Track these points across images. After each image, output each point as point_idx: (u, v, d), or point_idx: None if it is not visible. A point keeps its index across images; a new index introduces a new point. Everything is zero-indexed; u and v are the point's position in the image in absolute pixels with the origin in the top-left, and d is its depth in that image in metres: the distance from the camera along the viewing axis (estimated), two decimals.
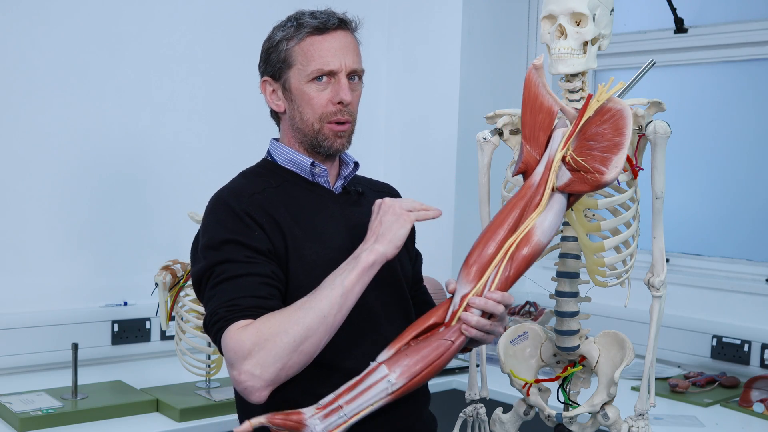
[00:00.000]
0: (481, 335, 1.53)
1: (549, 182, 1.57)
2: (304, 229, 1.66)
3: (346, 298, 1.52)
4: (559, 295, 1.88)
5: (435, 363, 1.50)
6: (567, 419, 1.89)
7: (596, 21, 1.75)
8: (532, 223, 1.55)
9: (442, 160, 3.39)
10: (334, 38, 1.68)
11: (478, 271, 1.55)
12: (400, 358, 1.50)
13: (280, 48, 1.70)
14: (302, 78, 1.68)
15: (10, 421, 2.24)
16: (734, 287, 2.94)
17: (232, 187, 1.71)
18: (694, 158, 3.18)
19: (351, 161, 1.80)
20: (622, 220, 1.82)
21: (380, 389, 1.48)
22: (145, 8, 2.95)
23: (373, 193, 1.86)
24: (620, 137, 1.54)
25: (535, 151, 1.61)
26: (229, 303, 1.53)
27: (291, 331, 1.48)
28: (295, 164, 1.75)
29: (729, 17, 3.05)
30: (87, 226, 2.87)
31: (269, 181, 1.72)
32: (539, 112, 1.62)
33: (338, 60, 1.68)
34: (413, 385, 1.50)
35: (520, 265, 1.54)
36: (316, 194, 1.74)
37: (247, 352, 1.47)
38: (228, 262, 1.57)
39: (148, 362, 2.90)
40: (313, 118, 1.69)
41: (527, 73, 1.63)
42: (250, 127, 3.14)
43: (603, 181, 1.53)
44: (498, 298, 1.52)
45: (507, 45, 3.49)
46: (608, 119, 1.57)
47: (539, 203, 1.56)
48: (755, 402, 2.49)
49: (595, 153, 1.54)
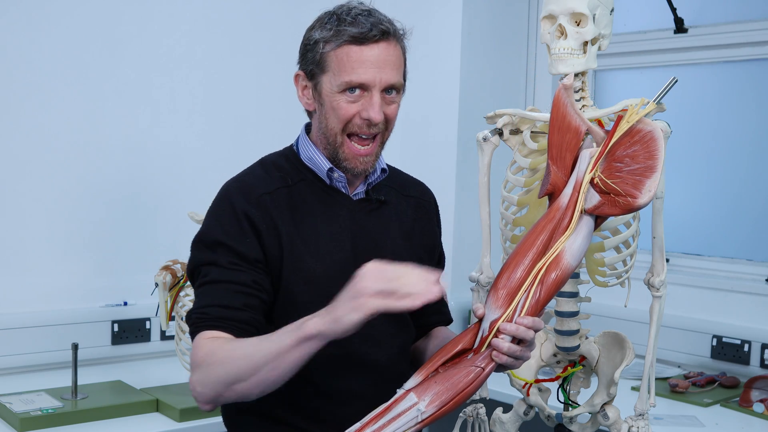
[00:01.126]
0: (511, 361, 1.49)
1: (578, 205, 1.53)
2: (305, 240, 1.62)
3: (281, 359, 1.41)
4: (559, 295, 1.88)
5: (465, 390, 1.46)
6: (567, 419, 1.89)
7: (596, 21, 1.75)
8: (562, 246, 1.51)
9: (442, 160, 3.39)
10: (373, 50, 1.57)
11: (507, 296, 1.50)
12: (429, 386, 1.46)
13: (316, 49, 1.61)
14: (334, 86, 1.59)
15: (10, 421, 2.24)
16: (734, 287, 2.94)
17: (244, 180, 1.67)
18: (694, 158, 3.18)
19: (378, 167, 1.72)
20: (622, 220, 1.82)
21: (410, 418, 1.43)
22: (145, 8, 2.95)
23: (399, 199, 1.79)
24: (653, 160, 1.51)
25: (562, 172, 1.57)
26: (202, 310, 1.55)
27: (228, 367, 1.46)
28: (315, 164, 1.68)
29: (729, 17, 3.05)
30: (87, 226, 2.87)
31: (286, 178, 1.66)
32: (567, 132, 1.58)
33: (372, 75, 1.57)
34: (443, 413, 1.45)
35: (549, 289, 1.50)
36: (330, 200, 1.67)
37: (196, 365, 1.50)
38: (213, 264, 1.58)
39: (148, 362, 2.90)
40: (338, 128, 1.61)
41: (556, 92, 1.60)
42: (249, 128, 3.14)
43: (636, 205, 1.50)
44: (529, 324, 1.46)
45: (507, 45, 3.49)
46: (638, 141, 1.54)
47: (568, 226, 1.52)
48: (755, 402, 2.49)
49: (625, 175, 1.52)
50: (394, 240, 1.73)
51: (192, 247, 1.65)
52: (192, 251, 1.65)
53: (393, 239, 1.73)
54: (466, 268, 2.51)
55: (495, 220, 2.02)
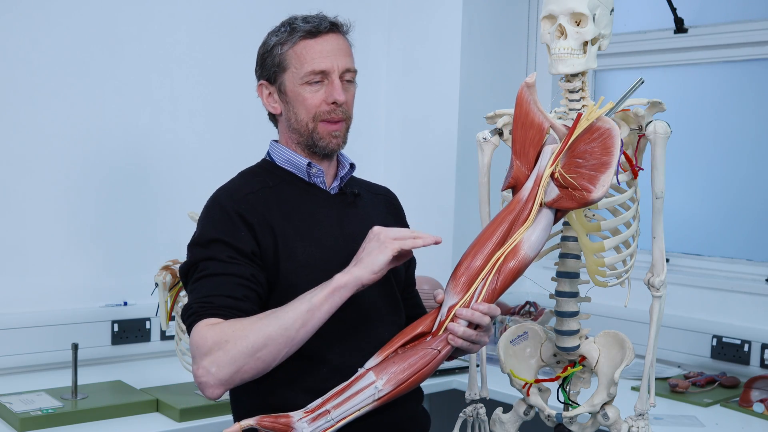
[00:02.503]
0: (467, 345, 1.58)
1: (537, 197, 1.59)
2: (296, 230, 1.70)
3: (312, 314, 1.53)
4: (559, 295, 1.88)
5: (421, 371, 1.56)
6: (567, 419, 1.89)
7: (596, 21, 1.75)
8: (520, 237, 1.58)
9: (442, 160, 3.39)
10: (326, 41, 1.73)
11: (465, 283, 1.58)
12: (387, 365, 1.56)
13: (274, 52, 1.75)
14: (296, 80, 1.72)
15: (10, 421, 2.24)
16: (734, 287, 2.94)
17: (228, 186, 1.76)
18: (694, 158, 3.18)
19: (347, 163, 1.83)
20: (622, 220, 1.82)
21: (367, 395, 1.53)
22: (145, 8, 2.95)
23: (370, 196, 1.88)
24: (608, 156, 1.56)
25: (525, 166, 1.64)
26: (204, 299, 1.58)
27: (251, 336, 1.51)
28: (293, 164, 1.78)
29: (729, 17, 3.05)
30: (87, 226, 2.87)
31: (266, 180, 1.76)
32: (530, 128, 1.64)
33: (330, 61, 1.71)
34: (399, 392, 1.55)
35: (506, 278, 1.58)
36: (311, 195, 1.77)
37: (207, 349, 1.52)
38: (211, 259, 1.62)
39: (148, 362, 2.90)
40: (307, 117, 1.73)
41: (519, 90, 1.65)
42: (249, 127, 3.14)
43: (590, 199, 1.55)
44: (484, 310, 1.56)
45: (507, 45, 3.49)
46: (597, 138, 1.59)
47: (527, 218, 1.59)
48: (755, 402, 2.49)
49: (583, 171, 1.57)
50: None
51: (188, 250, 1.69)
52: (188, 253, 1.69)
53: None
54: None
55: None
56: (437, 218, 3.35)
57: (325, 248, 1.70)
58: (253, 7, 3.16)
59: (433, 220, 3.34)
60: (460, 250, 3.36)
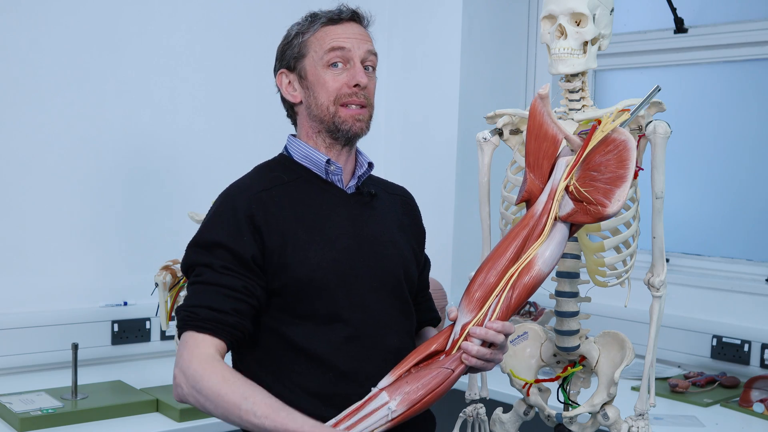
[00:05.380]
0: (481, 364, 1.55)
1: (552, 212, 1.56)
2: (308, 230, 1.66)
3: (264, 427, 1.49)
4: (559, 295, 1.88)
5: (435, 391, 1.52)
6: (567, 419, 1.89)
7: (596, 21, 1.75)
8: (534, 253, 1.55)
9: (442, 160, 3.39)
10: (348, 26, 1.71)
11: (479, 300, 1.55)
12: (400, 385, 1.53)
13: (294, 42, 1.73)
14: (318, 63, 1.69)
15: (10, 421, 2.24)
16: (734, 287, 2.94)
17: (242, 183, 1.72)
18: (694, 158, 3.18)
19: (365, 161, 1.79)
20: (622, 220, 1.82)
21: (380, 416, 1.51)
22: (145, 8, 2.95)
23: (387, 195, 1.85)
24: (623, 169, 1.54)
25: (539, 179, 1.60)
26: (191, 309, 1.59)
27: (219, 406, 1.52)
28: (311, 160, 1.74)
29: (729, 17, 3.05)
30: (87, 226, 2.87)
31: (282, 176, 1.72)
32: (543, 140, 1.61)
33: (351, 42, 1.69)
34: (413, 413, 1.52)
35: (521, 295, 1.55)
36: (327, 193, 1.72)
37: (187, 372, 1.55)
38: (206, 266, 1.62)
39: (148, 362, 2.90)
40: (328, 101, 1.69)
41: (532, 102, 1.62)
42: (250, 127, 3.14)
43: (605, 214, 1.53)
44: (498, 328, 1.53)
45: (507, 45, 3.49)
46: (612, 149, 1.56)
47: (541, 233, 1.56)
48: (755, 402, 2.49)
49: (598, 184, 1.54)
50: (391, 229, 1.78)
51: (187, 249, 1.68)
52: (186, 252, 1.68)
53: (389, 228, 1.78)
54: (466, 268, 2.51)
55: (495, 220, 2.02)
56: (437, 218, 3.35)
57: (337, 249, 1.67)
58: (253, 7, 3.16)
59: (433, 220, 3.33)
60: (460, 250, 3.39)
